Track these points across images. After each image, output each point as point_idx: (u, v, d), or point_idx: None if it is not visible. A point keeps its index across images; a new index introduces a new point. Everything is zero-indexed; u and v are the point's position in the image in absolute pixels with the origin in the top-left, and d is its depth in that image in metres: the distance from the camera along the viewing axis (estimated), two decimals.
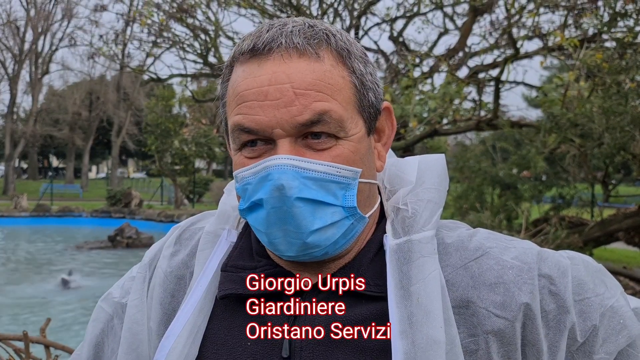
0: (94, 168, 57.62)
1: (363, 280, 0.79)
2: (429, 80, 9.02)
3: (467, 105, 9.06)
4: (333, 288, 0.79)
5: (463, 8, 10.59)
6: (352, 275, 0.79)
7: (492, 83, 9.17)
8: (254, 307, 0.81)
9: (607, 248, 10.64)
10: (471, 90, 9.16)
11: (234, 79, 0.79)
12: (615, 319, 0.81)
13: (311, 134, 0.76)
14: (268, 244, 0.79)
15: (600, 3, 7.54)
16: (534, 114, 25.43)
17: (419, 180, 0.84)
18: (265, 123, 0.75)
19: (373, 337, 0.76)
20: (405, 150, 10.72)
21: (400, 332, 0.74)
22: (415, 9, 10.66)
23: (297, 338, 0.77)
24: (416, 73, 8.39)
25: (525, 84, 10.79)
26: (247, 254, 0.86)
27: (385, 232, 0.82)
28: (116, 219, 19.57)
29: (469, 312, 0.77)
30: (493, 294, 0.77)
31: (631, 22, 6.80)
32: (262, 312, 0.81)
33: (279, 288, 0.80)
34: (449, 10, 10.73)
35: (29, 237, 17.33)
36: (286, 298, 0.80)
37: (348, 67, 0.79)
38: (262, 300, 0.81)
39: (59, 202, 24.69)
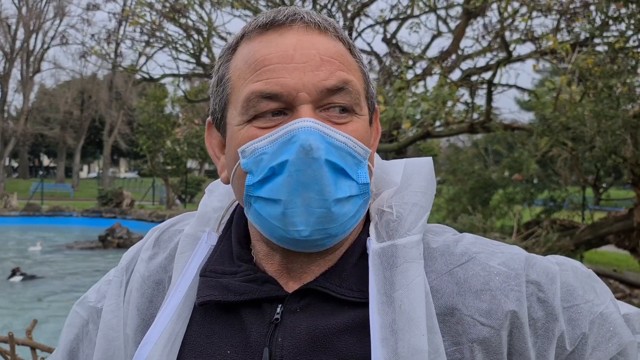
0: (85, 167, 57.29)
1: (345, 287, 0.76)
2: (421, 83, 9.04)
3: (460, 107, 9.08)
4: (315, 295, 0.77)
5: (456, 11, 10.62)
6: (334, 281, 0.77)
7: (484, 86, 9.20)
8: (233, 314, 0.78)
9: (597, 251, 10.70)
10: (464, 93, 9.18)
11: (247, 51, 0.77)
12: (605, 327, 0.79)
13: (330, 106, 0.75)
14: (281, 218, 0.72)
15: (592, 8, 7.58)
16: (526, 117, 25.57)
17: (405, 183, 0.82)
18: (292, 86, 0.73)
19: (356, 344, 0.73)
20: (397, 152, 10.74)
21: (382, 339, 0.71)
22: (408, 12, 10.68)
23: (277, 346, 0.75)
24: (409, 75, 8.41)
25: (518, 87, 10.84)
26: (227, 258, 0.82)
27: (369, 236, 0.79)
28: (107, 219, 19.45)
29: (454, 319, 0.74)
30: (479, 301, 0.75)
31: (623, 27, 6.84)
32: (242, 319, 0.78)
33: (259, 295, 0.77)
34: (442, 13, 10.77)
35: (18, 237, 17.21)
36: (267, 305, 0.77)
37: (355, 56, 0.81)
38: (242, 306, 0.78)
39: (49, 201, 24.53)
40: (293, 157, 0.70)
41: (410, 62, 9.25)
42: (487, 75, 9.71)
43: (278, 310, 0.76)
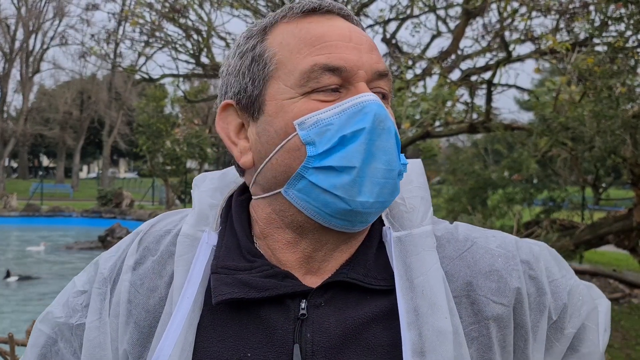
0: (84, 168, 57.25)
1: (371, 276, 0.78)
2: (421, 83, 9.04)
3: (460, 107, 9.08)
4: (338, 287, 0.76)
5: (456, 11, 10.62)
6: (360, 271, 0.77)
7: (484, 86, 9.20)
8: (248, 313, 0.75)
9: (597, 251, 10.70)
10: (463, 93, 9.19)
11: (296, 29, 0.78)
12: (575, 297, 0.88)
13: (377, 90, 0.79)
14: (348, 186, 0.72)
15: (591, 8, 7.59)
16: (525, 117, 25.58)
17: (407, 179, 0.84)
18: (354, 62, 0.76)
19: (383, 332, 0.75)
20: None
21: (408, 324, 0.74)
22: (408, 12, 10.68)
23: (307, 342, 0.72)
24: (409, 75, 8.41)
25: (517, 87, 10.84)
26: (236, 253, 0.79)
27: (384, 225, 0.82)
28: (107, 219, 19.46)
29: (469, 300, 0.79)
30: (489, 281, 0.80)
31: (622, 27, 6.84)
32: (261, 318, 0.74)
33: (283, 290, 0.75)
34: (441, 13, 10.77)
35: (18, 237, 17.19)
36: (289, 301, 0.75)
37: None
38: (260, 304, 0.75)
39: (49, 201, 24.52)
40: (370, 126, 0.73)
41: (410, 62, 9.25)
42: (486, 75, 9.72)
43: (303, 305, 0.74)
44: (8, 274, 10.82)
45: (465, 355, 0.74)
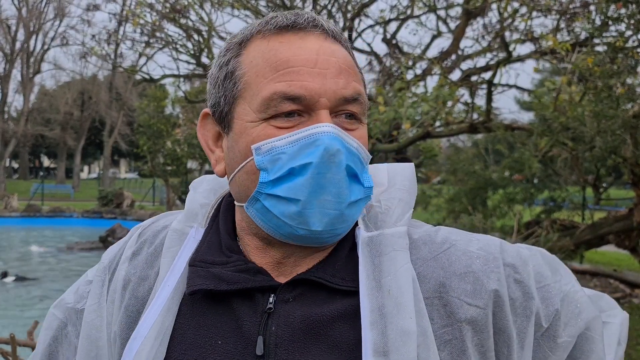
0: (85, 168, 57.29)
1: (339, 276, 0.78)
2: (421, 83, 9.05)
3: (460, 108, 9.09)
4: (308, 285, 0.78)
5: (456, 11, 10.63)
6: (328, 271, 0.79)
7: (484, 86, 9.20)
8: (223, 305, 0.79)
9: (597, 251, 10.70)
10: (464, 93, 9.19)
11: (266, 49, 0.78)
12: (572, 304, 0.85)
13: (344, 113, 0.78)
14: (295, 216, 0.75)
15: (592, 8, 7.59)
16: (526, 117, 25.57)
17: (391, 182, 0.86)
18: (315, 90, 0.75)
19: (349, 331, 0.75)
20: (397, 152, 10.75)
21: (371, 323, 0.74)
22: (408, 12, 10.68)
23: (271, 335, 0.75)
24: (409, 75, 8.42)
25: (518, 87, 10.85)
26: (216, 248, 0.83)
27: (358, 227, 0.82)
28: (108, 219, 19.46)
29: (442, 302, 0.77)
30: (464, 283, 0.78)
31: (622, 27, 6.84)
32: (233, 310, 0.78)
33: (251, 284, 0.78)
34: (442, 13, 10.77)
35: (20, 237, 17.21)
36: (259, 295, 0.78)
37: (358, 67, 0.84)
38: (233, 297, 0.79)
39: (49, 202, 24.53)
40: (317, 160, 0.73)
41: (410, 63, 9.25)
42: (487, 75, 9.72)
43: (271, 300, 0.77)
44: (5, 275, 10.84)
45: (433, 358, 0.73)
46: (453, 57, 10.52)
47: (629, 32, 6.82)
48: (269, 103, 0.75)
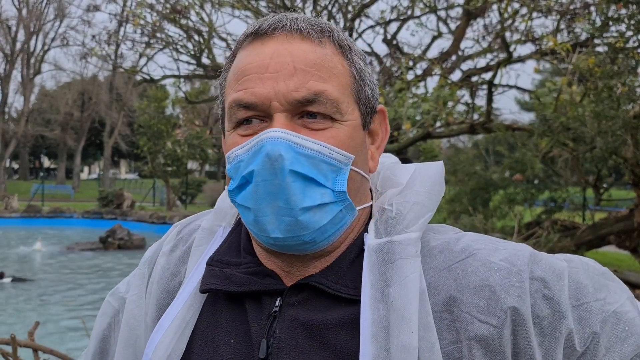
0: (85, 169, 57.29)
1: (341, 283, 0.77)
2: (422, 83, 9.05)
3: (460, 108, 9.08)
4: (313, 290, 0.77)
5: (457, 12, 10.63)
6: (331, 278, 0.77)
7: (485, 86, 9.20)
8: (238, 305, 0.80)
9: (598, 251, 10.69)
10: (464, 94, 9.19)
11: (236, 62, 0.80)
12: (619, 326, 0.76)
13: (307, 113, 0.75)
14: (254, 224, 0.75)
15: (592, 8, 7.59)
16: (526, 118, 25.58)
17: (410, 183, 0.82)
18: (264, 95, 0.74)
19: (352, 340, 0.73)
20: (398, 152, 10.74)
21: (372, 335, 0.70)
22: (409, 12, 10.68)
23: (274, 338, 0.75)
24: (409, 76, 8.42)
25: (518, 88, 10.85)
26: (235, 249, 0.85)
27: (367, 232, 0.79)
28: (108, 220, 19.48)
29: (452, 317, 0.72)
30: (477, 297, 0.72)
31: (623, 27, 6.84)
32: (246, 311, 0.79)
33: (258, 287, 0.79)
34: (442, 13, 10.78)
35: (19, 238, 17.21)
36: (266, 298, 0.79)
37: (348, 59, 0.80)
38: (246, 298, 0.80)
39: (50, 202, 24.53)
40: (258, 168, 0.72)
41: (411, 63, 9.25)
42: (487, 75, 9.72)
43: (277, 303, 0.77)
44: (1, 276, 10.85)
45: None
46: (453, 57, 10.52)
47: (629, 33, 6.81)
48: (230, 112, 0.78)
